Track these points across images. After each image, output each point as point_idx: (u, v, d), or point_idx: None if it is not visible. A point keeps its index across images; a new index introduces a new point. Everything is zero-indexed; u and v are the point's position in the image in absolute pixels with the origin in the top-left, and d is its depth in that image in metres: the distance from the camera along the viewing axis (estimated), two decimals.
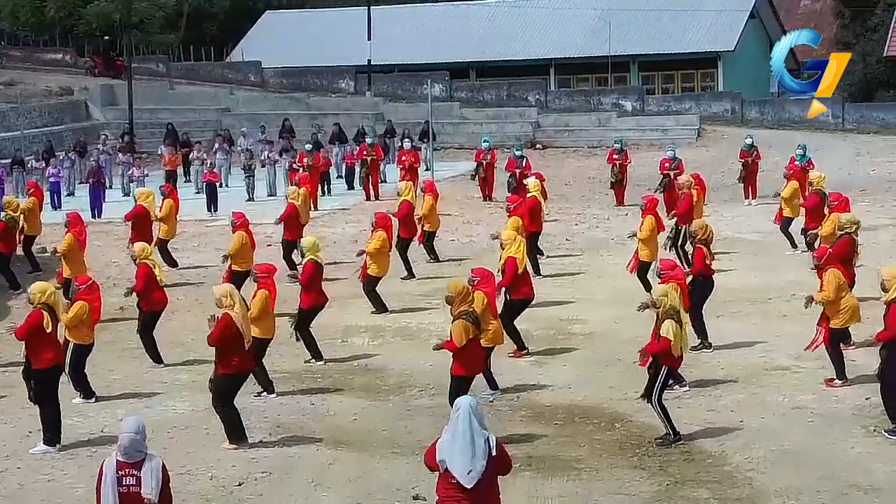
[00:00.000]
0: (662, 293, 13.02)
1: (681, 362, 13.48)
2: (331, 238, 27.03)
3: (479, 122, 48.29)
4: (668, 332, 12.81)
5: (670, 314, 12.88)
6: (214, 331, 12.98)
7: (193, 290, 22.03)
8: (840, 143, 43.09)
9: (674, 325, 12.84)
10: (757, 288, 20.22)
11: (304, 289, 16.67)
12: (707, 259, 16.31)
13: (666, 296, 12.97)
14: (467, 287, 13.40)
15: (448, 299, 13.21)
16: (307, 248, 16.88)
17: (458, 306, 13.08)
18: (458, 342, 12.88)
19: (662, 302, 12.93)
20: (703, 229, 16.45)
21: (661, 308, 12.95)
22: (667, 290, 13.07)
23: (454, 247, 25.83)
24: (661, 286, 13.35)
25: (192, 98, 51.79)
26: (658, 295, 13.02)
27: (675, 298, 13.03)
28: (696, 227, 16.51)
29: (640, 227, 19.39)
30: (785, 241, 24.11)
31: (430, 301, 20.27)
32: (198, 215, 30.27)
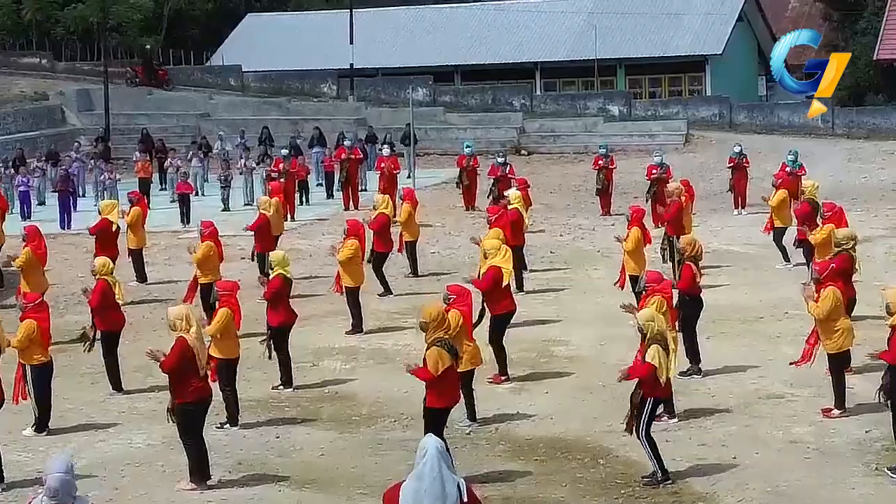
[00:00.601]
0: (649, 317, 12.16)
1: (669, 392, 12.64)
2: (306, 251, 26.18)
3: (463, 128, 47.44)
4: (652, 357, 11.97)
5: (657, 339, 12.02)
6: (169, 356, 12.12)
7: (160, 307, 20.99)
8: (831, 148, 42.32)
9: (659, 351, 11.99)
10: (748, 306, 19.37)
11: (270, 305, 15.80)
12: (696, 277, 15.46)
13: (653, 320, 12.11)
14: (442, 312, 12.52)
15: (422, 325, 12.36)
16: (276, 262, 16.00)
17: (432, 333, 12.22)
18: (434, 371, 12.01)
19: (649, 327, 12.08)
20: (692, 245, 15.60)
21: (648, 333, 12.09)
22: (654, 315, 12.21)
23: (435, 259, 24.96)
24: (647, 310, 12.48)
25: (171, 103, 50.82)
26: (644, 319, 12.16)
27: (662, 323, 12.18)
28: (684, 243, 15.66)
29: (626, 239, 18.55)
30: (776, 253, 23.29)
31: (408, 320, 19.36)
32: (172, 226, 29.37)
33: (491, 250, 15.71)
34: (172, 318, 12.32)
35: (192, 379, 12.11)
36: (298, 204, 31.74)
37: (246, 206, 32.04)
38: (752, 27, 60.78)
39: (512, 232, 20.28)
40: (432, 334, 12.19)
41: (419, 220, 27.48)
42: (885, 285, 19.82)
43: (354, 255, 18.47)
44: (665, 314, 13.30)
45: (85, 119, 48.46)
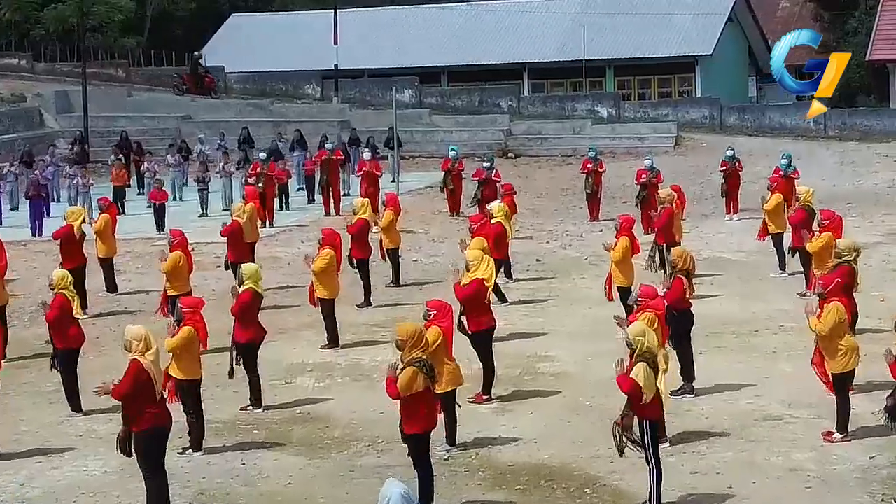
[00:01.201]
0: (639, 332, 11.32)
1: (662, 413, 11.79)
2: (284, 259, 25.30)
3: (450, 130, 46.57)
4: (637, 374, 11.15)
5: (645, 356, 11.19)
6: (121, 382, 11.26)
7: (128, 319, 20.05)
8: (823, 151, 41.55)
9: (646, 369, 11.16)
10: (742, 319, 18.53)
11: (237, 320, 14.92)
12: (686, 292, 14.63)
13: (643, 336, 11.27)
14: (419, 330, 11.68)
15: (397, 344, 11.53)
16: (247, 276, 15.11)
17: (408, 352, 11.39)
18: (403, 390, 11.17)
19: (639, 343, 11.25)
20: (683, 258, 14.75)
21: (637, 348, 11.26)
22: (644, 330, 11.37)
23: (417, 268, 24.10)
24: (639, 325, 11.63)
25: (151, 105, 49.84)
26: (634, 334, 11.32)
27: (654, 340, 11.33)
28: (675, 256, 14.81)
29: (614, 249, 17.71)
30: (770, 261, 22.50)
31: (386, 333, 18.49)
32: (146, 232, 28.46)
33: (473, 261, 14.87)
34: (129, 339, 11.46)
35: (147, 405, 11.26)
36: (278, 209, 30.86)
37: (224, 212, 31.07)
38: (742, 27, 60.04)
39: (495, 245, 19.42)
40: (408, 354, 11.37)
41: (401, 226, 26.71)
42: (883, 296, 19.21)
43: (329, 266, 17.61)
44: (657, 331, 12.46)
45: (63, 121, 47.46)
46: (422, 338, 11.46)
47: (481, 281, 14.66)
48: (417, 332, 11.48)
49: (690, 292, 14.69)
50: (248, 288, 14.93)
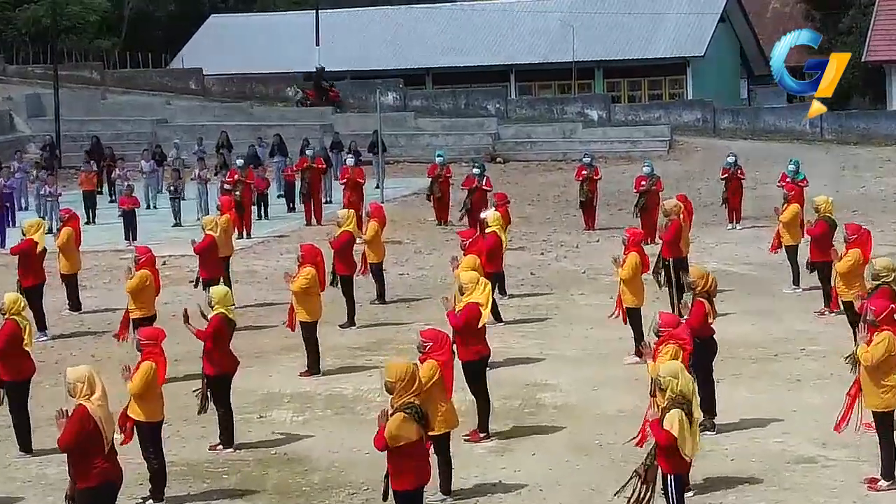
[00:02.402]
0: (672, 373, 9.82)
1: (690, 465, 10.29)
2: (262, 272, 23.74)
3: (435, 134, 45.03)
4: (672, 425, 9.65)
5: (679, 402, 9.70)
6: (65, 430, 9.74)
7: (91, 342, 18.64)
8: (822, 155, 40.14)
9: (682, 417, 9.67)
10: (758, 341, 17.03)
11: (206, 350, 13.37)
12: (709, 316, 13.15)
13: (677, 377, 9.77)
14: (412, 371, 10.12)
15: (387, 387, 10.01)
16: (216, 300, 13.54)
17: (399, 397, 9.87)
18: (392, 440, 9.67)
19: (670, 385, 9.76)
20: (704, 279, 13.25)
21: (668, 391, 9.76)
22: (678, 371, 9.86)
23: (404, 283, 22.57)
24: (672, 364, 10.08)
25: (126, 108, 48.14)
26: (666, 374, 9.82)
27: (688, 382, 9.81)
28: (695, 277, 13.30)
29: (622, 266, 16.20)
30: (781, 275, 21.08)
31: (372, 357, 17.03)
32: (117, 244, 26.88)
33: (468, 284, 13.35)
34: (72, 382, 9.95)
35: (95, 458, 9.76)
36: (256, 218, 29.28)
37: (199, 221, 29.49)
38: (734, 28, 58.72)
39: (488, 258, 17.95)
40: (399, 398, 9.85)
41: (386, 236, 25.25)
42: None
43: (311, 286, 16.07)
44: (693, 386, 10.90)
45: (35, 125, 45.79)
46: (414, 379, 9.94)
47: (476, 306, 13.16)
48: (409, 374, 9.95)
49: (713, 317, 13.20)
50: (219, 313, 13.39)
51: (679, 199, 20.13)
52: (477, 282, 13.39)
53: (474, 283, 13.36)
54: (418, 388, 9.97)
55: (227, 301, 13.66)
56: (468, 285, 13.33)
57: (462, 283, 13.40)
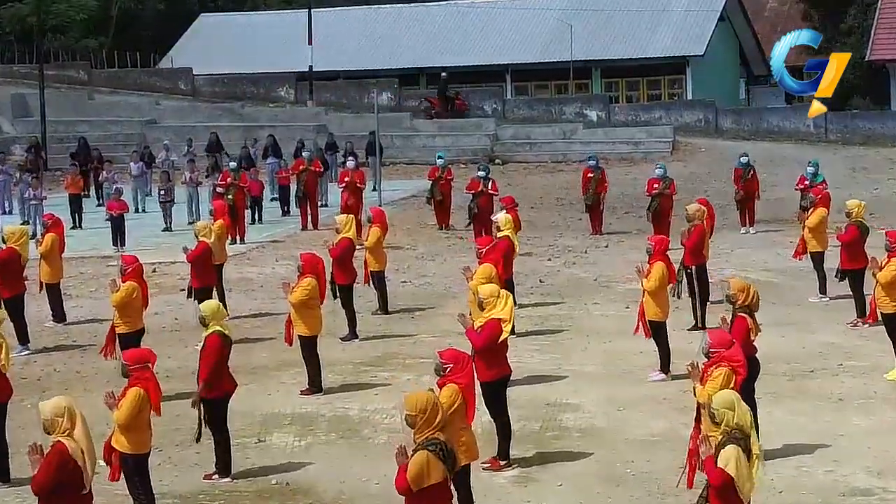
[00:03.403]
0: (726, 404, 8.69)
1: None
2: (257, 280, 22.58)
3: (432, 135, 43.92)
4: (728, 463, 8.51)
5: (735, 437, 8.57)
6: (41, 470, 8.61)
7: (76, 356, 17.46)
8: (830, 156, 39.04)
9: (738, 453, 8.54)
10: (790, 355, 15.92)
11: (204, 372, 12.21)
12: (751, 333, 12.06)
13: (732, 408, 8.64)
14: (434, 402, 8.89)
15: (407, 420, 8.81)
16: (209, 316, 12.38)
17: (421, 431, 8.70)
18: (414, 482, 8.52)
19: (725, 417, 8.63)
20: (745, 292, 12.15)
21: (723, 423, 8.64)
22: (733, 401, 8.71)
23: (407, 291, 21.44)
24: (726, 394, 8.93)
25: (114, 108, 46.93)
26: (721, 406, 8.69)
27: (745, 414, 8.68)
28: (735, 290, 12.19)
29: (648, 276, 15.08)
30: (806, 283, 20.02)
31: (378, 373, 15.92)
32: (103, 250, 25.71)
33: (489, 298, 12.15)
34: (49, 417, 8.82)
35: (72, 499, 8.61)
36: (250, 222, 28.11)
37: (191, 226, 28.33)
38: (733, 27, 57.69)
39: (503, 264, 16.83)
40: (421, 434, 8.69)
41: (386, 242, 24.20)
42: None
43: (310, 298, 14.93)
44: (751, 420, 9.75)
45: (20, 126, 44.59)
46: (437, 412, 8.78)
47: (498, 322, 12.02)
48: (431, 406, 8.77)
49: (756, 333, 12.11)
50: (215, 332, 12.23)
51: (700, 202, 19.05)
52: (498, 295, 12.24)
53: (495, 296, 12.21)
54: (441, 421, 8.82)
55: (221, 315, 12.52)
56: (489, 299, 12.18)
57: (482, 298, 12.24)
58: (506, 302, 12.12)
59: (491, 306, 12.08)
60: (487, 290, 12.24)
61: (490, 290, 12.23)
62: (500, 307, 12.06)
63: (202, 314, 12.36)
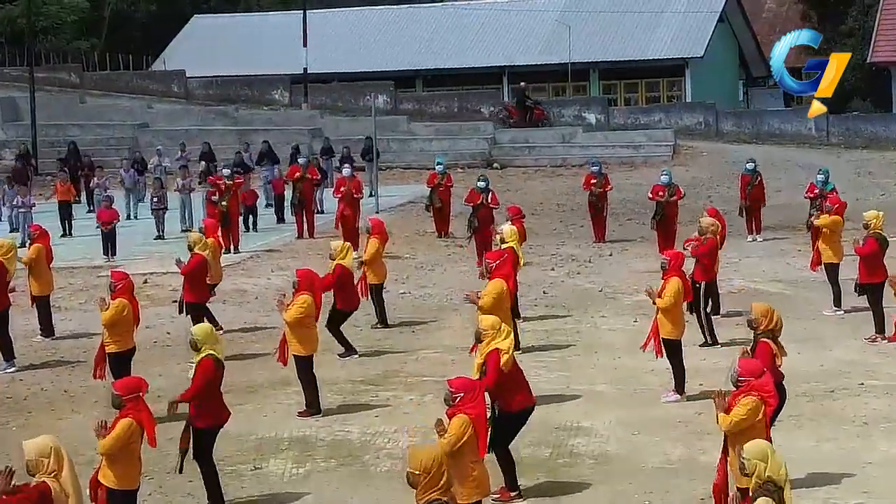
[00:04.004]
0: (759, 455, 8.02)
1: None
2: (252, 292, 21.89)
3: (429, 139, 43.23)
4: None
5: (768, 489, 7.91)
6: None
7: (65, 374, 16.78)
8: (834, 160, 38.39)
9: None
10: (808, 373, 15.27)
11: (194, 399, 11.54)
12: (776, 358, 11.43)
13: (764, 460, 7.98)
14: (440, 462, 8.05)
15: (409, 479, 8.06)
16: (201, 339, 11.71)
17: (424, 493, 7.95)
18: None
19: (757, 469, 7.97)
20: (768, 316, 11.52)
21: (753, 475, 7.99)
22: (766, 452, 8.05)
23: (406, 303, 20.78)
24: (759, 444, 8.23)
25: (106, 112, 46.18)
26: (753, 456, 8.02)
27: (780, 468, 8.00)
28: (757, 314, 11.55)
29: (662, 292, 14.39)
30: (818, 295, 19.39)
31: (378, 392, 15.26)
32: (94, 259, 25.03)
33: (488, 331, 11.33)
34: (34, 458, 8.18)
35: None
36: (244, 230, 27.42)
37: (185, 233, 27.67)
38: (732, 28, 57.10)
39: None
40: (424, 495, 7.95)
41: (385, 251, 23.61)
42: None
43: (306, 316, 14.25)
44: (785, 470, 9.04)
45: (10, 130, 43.88)
46: (442, 472, 7.96)
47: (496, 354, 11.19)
48: (436, 465, 7.94)
49: (780, 358, 11.48)
50: (208, 356, 11.56)
51: (711, 213, 18.41)
52: (498, 329, 11.45)
53: (495, 329, 11.41)
54: (446, 483, 8.04)
55: (214, 339, 11.84)
56: (488, 332, 11.38)
57: (482, 329, 11.43)
58: (506, 335, 11.34)
59: (489, 339, 11.32)
60: (488, 323, 11.49)
61: (490, 323, 11.48)
62: (499, 339, 11.31)
63: (194, 337, 11.69)
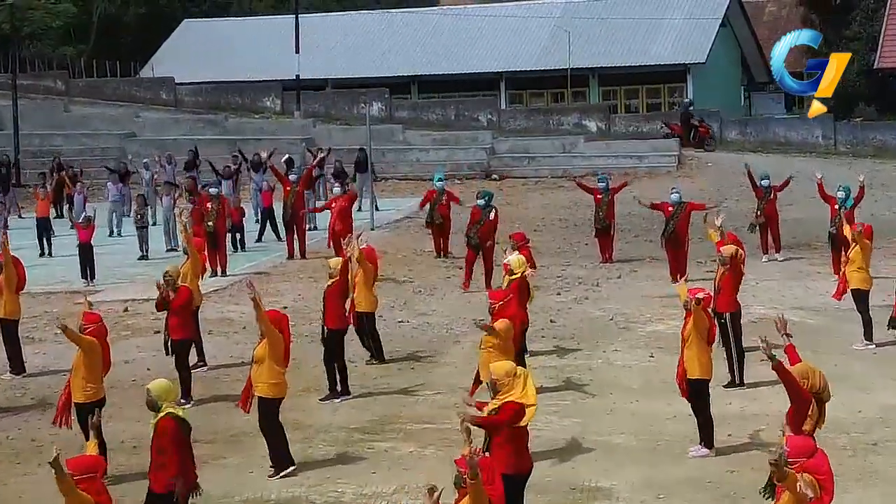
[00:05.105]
0: None
1: None
2: (239, 321, 20.49)
3: (426, 149, 41.92)
4: None
5: None
6: None
7: (34, 419, 15.36)
8: (844, 170, 37.10)
9: None
10: (847, 422, 13.92)
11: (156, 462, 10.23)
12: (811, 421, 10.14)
13: None
14: None
15: None
16: (161, 396, 10.34)
17: None
18: None
19: None
20: (808, 379, 10.20)
21: None
22: None
23: (403, 333, 19.42)
24: None
25: (91, 121, 44.86)
26: None
27: None
28: (799, 375, 10.22)
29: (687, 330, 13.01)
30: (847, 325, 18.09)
31: (375, 443, 13.90)
32: (73, 283, 23.66)
33: (504, 379, 10.05)
34: None
35: None
36: (232, 250, 26.04)
37: (170, 252, 26.37)
38: (735, 33, 55.95)
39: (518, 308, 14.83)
40: None
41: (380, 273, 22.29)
42: None
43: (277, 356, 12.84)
44: None
45: None
46: None
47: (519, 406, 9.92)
48: None
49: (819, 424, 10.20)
50: (168, 415, 10.23)
51: (731, 239, 17.06)
52: (515, 374, 10.16)
53: (511, 376, 10.11)
54: None
55: (175, 395, 10.53)
56: (504, 380, 10.07)
57: (496, 378, 10.10)
58: (524, 383, 10.06)
59: (507, 389, 10.02)
60: (503, 370, 10.16)
61: (506, 370, 10.16)
62: (518, 389, 10.02)
63: (152, 396, 10.33)
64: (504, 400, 10.06)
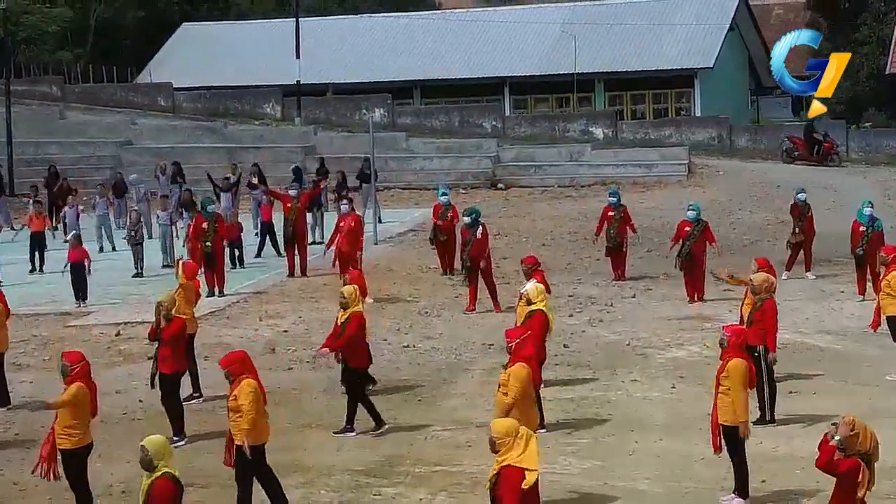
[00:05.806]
0: None
1: None
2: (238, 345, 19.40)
3: (429, 157, 40.93)
4: None
5: None
6: None
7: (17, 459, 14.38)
8: (859, 180, 36.28)
9: None
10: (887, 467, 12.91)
11: None
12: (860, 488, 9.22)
13: None
14: None
15: None
16: (157, 454, 9.41)
17: None
18: None
19: None
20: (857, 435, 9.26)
21: None
22: None
23: (409, 358, 18.45)
24: None
25: (87, 128, 43.90)
26: None
27: None
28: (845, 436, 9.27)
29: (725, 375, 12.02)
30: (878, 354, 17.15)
31: (381, 489, 12.94)
32: (63, 304, 22.67)
33: (504, 439, 9.20)
34: None
35: None
36: (230, 266, 25.07)
37: (166, 269, 25.41)
38: (742, 38, 55.05)
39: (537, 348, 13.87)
40: None
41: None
42: None
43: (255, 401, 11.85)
44: None
45: None
46: None
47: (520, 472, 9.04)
48: None
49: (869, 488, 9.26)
50: (164, 475, 9.30)
51: (761, 265, 16.04)
52: (516, 434, 9.26)
53: (512, 436, 9.23)
54: None
55: (170, 454, 9.57)
56: (504, 440, 9.21)
57: (495, 437, 9.27)
58: (526, 444, 9.16)
59: (506, 449, 9.14)
60: (503, 428, 9.31)
61: (507, 428, 9.30)
62: (517, 451, 9.13)
63: (148, 454, 9.39)
64: (502, 461, 9.19)
